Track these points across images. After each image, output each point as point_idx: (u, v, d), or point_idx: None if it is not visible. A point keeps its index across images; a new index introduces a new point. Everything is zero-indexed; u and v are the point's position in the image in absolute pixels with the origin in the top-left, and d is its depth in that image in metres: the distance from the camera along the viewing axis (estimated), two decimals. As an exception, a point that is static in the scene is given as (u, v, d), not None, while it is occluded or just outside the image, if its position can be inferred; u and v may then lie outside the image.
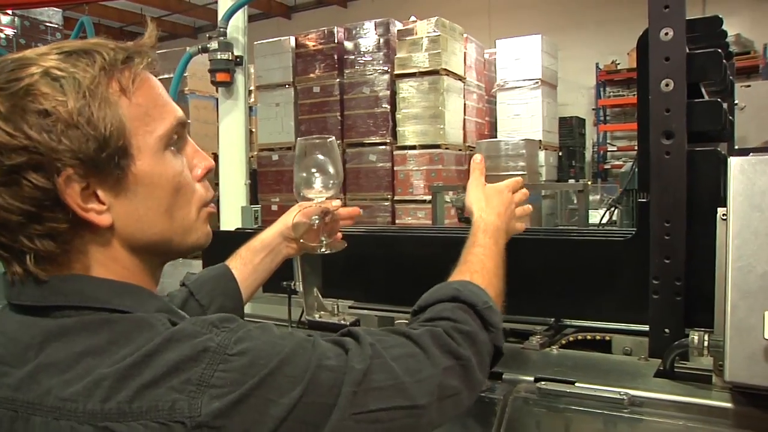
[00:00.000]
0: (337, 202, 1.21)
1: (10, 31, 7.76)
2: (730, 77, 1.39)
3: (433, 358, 0.81)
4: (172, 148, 0.80)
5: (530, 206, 1.30)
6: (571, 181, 9.48)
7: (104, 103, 0.72)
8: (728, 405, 0.94)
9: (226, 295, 1.20)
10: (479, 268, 1.03)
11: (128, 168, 0.74)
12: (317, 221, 1.20)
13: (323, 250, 1.22)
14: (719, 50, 1.18)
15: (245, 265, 1.25)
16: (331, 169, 1.16)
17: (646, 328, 1.23)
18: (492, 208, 1.17)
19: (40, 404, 0.66)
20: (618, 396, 1.00)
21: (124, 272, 0.77)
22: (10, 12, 7.48)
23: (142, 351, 0.66)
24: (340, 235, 1.26)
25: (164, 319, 0.72)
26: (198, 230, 0.84)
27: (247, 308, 1.30)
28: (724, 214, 0.93)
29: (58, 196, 0.70)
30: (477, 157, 1.26)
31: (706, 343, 1.00)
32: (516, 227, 1.22)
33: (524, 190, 1.28)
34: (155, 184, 0.77)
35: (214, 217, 0.87)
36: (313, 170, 1.16)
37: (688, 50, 1.17)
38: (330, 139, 1.18)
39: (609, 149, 12.26)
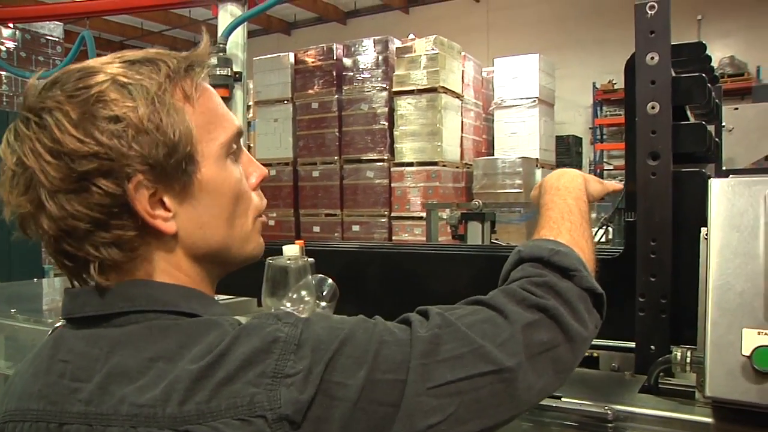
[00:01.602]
0: None
1: (11, 44, 7.80)
2: (716, 100, 1.42)
3: (511, 315, 0.75)
4: (231, 156, 0.80)
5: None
6: (568, 199, 9.49)
7: (172, 110, 0.72)
8: (709, 420, 0.96)
9: None
10: (545, 223, 0.98)
11: (194, 175, 0.74)
12: None
13: None
14: (704, 74, 1.22)
15: None
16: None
17: (633, 344, 1.25)
18: (549, 182, 1.10)
19: (115, 414, 0.65)
20: (602, 411, 1.01)
21: (186, 280, 0.77)
22: (11, 25, 7.53)
23: (215, 351, 0.65)
24: None
25: (231, 319, 0.71)
26: (253, 240, 0.84)
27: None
28: (706, 234, 0.96)
29: (126, 203, 0.70)
30: None
31: (688, 360, 1.02)
32: (594, 186, 1.13)
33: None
34: (218, 191, 0.77)
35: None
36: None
37: (673, 74, 1.20)
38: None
39: (605, 168, 12.31)
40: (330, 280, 1.28)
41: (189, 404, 0.63)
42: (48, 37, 8.18)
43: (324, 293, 1.27)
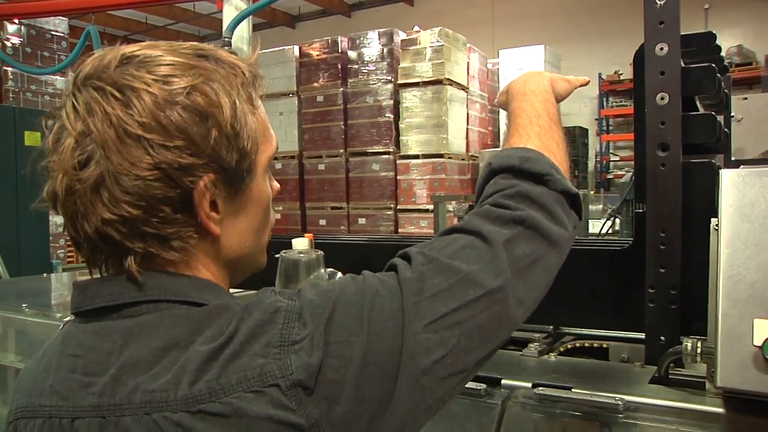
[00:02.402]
0: None
1: (16, 40, 7.82)
2: (726, 90, 1.42)
3: (490, 235, 0.76)
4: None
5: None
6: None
7: (248, 117, 0.74)
8: (720, 410, 0.96)
9: None
10: (513, 131, 0.96)
11: (250, 183, 0.76)
12: None
13: None
14: (713, 64, 1.21)
15: None
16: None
17: (642, 335, 1.25)
18: (516, 87, 1.06)
19: (128, 403, 0.65)
20: (613, 402, 1.02)
21: (210, 278, 0.77)
22: (16, 21, 7.54)
23: (225, 333, 0.65)
24: None
25: (241, 302, 0.71)
26: (264, 253, 0.86)
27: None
28: (716, 225, 0.96)
29: (190, 199, 0.69)
30: None
31: (699, 350, 1.02)
32: (561, 85, 1.10)
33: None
34: (258, 202, 0.79)
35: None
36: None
37: (683, 64, 1.20)
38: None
39: (612, 159, 12.29)
40: (340, 274, 1.29)
41: (199, 384, 0.63)
42: (53, 33, 8.20)
43: None
